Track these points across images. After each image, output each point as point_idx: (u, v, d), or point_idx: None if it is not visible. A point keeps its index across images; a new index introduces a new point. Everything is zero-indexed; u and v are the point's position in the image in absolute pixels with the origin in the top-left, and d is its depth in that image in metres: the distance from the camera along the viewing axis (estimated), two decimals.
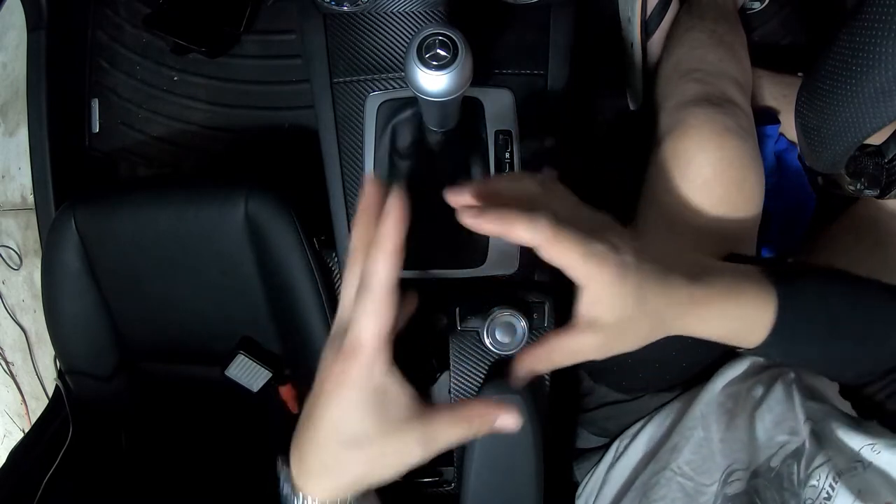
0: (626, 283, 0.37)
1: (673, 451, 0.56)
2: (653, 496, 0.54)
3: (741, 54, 0.69)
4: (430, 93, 0.44)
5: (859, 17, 0.46)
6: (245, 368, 0.75)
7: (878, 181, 0.53)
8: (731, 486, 0.50)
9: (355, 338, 0.35)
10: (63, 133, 0.91)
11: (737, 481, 0.50)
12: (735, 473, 0.51)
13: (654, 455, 0.59)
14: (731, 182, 0.55)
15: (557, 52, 0.64)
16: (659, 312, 0.39)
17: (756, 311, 0.42)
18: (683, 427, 0.57)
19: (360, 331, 0.35)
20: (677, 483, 0.54)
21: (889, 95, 0.45)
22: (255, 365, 0.75)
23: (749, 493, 0.49)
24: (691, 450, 0.55)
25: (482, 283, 0.64)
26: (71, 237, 0.71)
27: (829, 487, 0.41)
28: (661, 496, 0.54)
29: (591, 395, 0.68)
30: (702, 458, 0.54)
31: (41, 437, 0.80)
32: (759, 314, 0.42)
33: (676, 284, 0.40)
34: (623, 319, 0.38)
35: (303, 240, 0.68)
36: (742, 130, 0.56)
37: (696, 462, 0.54)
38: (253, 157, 1.02)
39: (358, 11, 0.64)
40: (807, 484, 0.43)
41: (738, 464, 0.51)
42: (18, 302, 1.37)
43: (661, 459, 0.57)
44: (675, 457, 0.56)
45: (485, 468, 0.60)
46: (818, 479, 0.42)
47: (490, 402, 0.39)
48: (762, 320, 0.42)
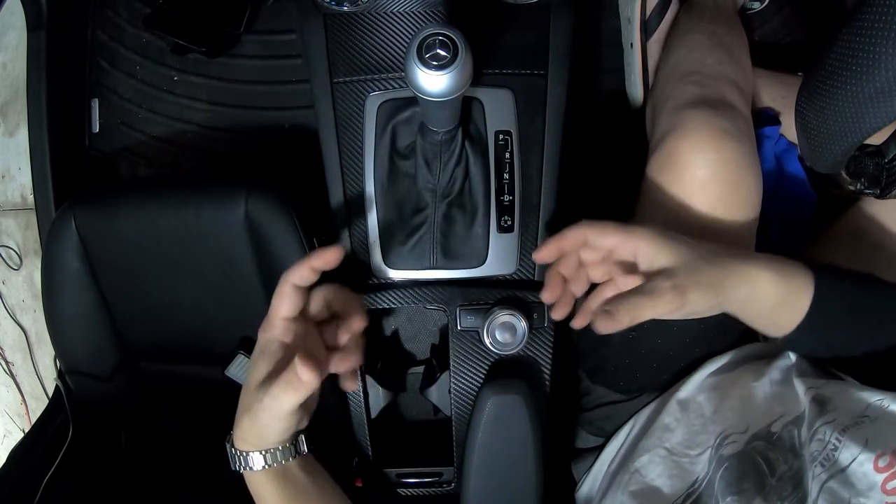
0: (670, 235, 0.46)
1: (666, 431, 0.57)
2: (648, 474, 0.54)
3: (740, 56, 0.69)
4: (430, 93, 0.44)
5: (859, 17, 0.46)
6: (245, 368, 0.75)
7: (878, 181, 0.53)
8: (728, 448, 0.50)
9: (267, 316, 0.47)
10: (63, 133, 0.91)
11: (733, 443, 0.50)
12: (731, 436, 0.51)
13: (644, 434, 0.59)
14: (728, 183, 0.55)
15: (557, 52, 0.64)
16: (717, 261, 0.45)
17: (797, 290, 0.46)
18: (671, 408, 0.58)
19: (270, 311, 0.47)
20: (672, 461, 0.54)
21: (889, 95, 0.45)
22: None
23: (749, 452, 0.49)
24: (683, 430, 0.55)
25: (482, 283, 0.64)
26: (71, 237, 0.71)
27: (836, 440, 0.41)
28: (658, 474, 0.54)
29: (590, 396, 0.68)
30: (694, 434, 0.54)
31: (41, 437, 0.80)
32: (799, 294, 0.46)
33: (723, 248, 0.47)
34: (687, 262, 0.44)
35: (303, 240, 0.68)
36: (739, 133, 0.56)
37: (689, 439, 0.54)
38: (253, 157, 1.02)
39: (358, 11, 0.64)
40: (812, 440, 0.43)
41: (732, 428, 0.51)
42: (18, 302, 1.37)
43: (653, 437, 0.57)
44: (667, 436, 0.56)
45: (485, 468, 0.60)
46: (823, 434, 0.42)
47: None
48: (801, 301, 0.46)
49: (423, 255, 0.64)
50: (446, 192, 0.62)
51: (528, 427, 0.59)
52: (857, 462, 0.39)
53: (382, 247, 0.64)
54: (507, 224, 0.64)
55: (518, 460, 0.60)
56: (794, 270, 0.46)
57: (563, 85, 0.64)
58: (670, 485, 0.52)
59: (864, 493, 0.37)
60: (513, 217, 0.64)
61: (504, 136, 0.63)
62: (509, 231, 0.64)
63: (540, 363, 0.64)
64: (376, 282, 0.65)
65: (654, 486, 0.53)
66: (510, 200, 0.63)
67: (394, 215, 0.64)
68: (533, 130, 0.64)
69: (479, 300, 0.64)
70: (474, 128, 0.63)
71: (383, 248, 0.64)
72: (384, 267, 0.65)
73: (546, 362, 0.64)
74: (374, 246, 0.64)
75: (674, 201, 0.57)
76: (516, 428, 0.60)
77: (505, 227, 0.64)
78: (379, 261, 0.64)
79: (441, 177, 0.60)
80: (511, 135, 0.63)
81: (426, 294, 0.64)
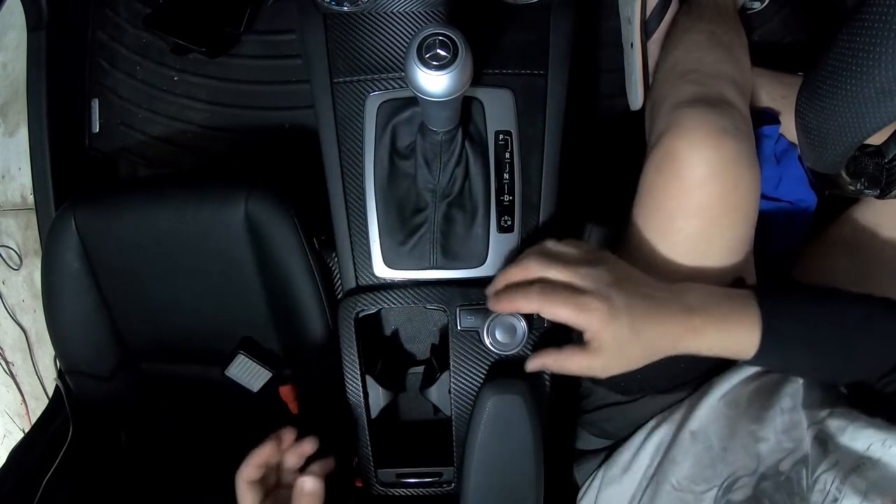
0: (618, 321, 0.47)
1: (672, 464, 0.56)
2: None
3: (740, 55, 0.69)
4: (430, 93, 0.44)
5: (859, 17, 0.46)
6: (245, 368, 0.75)
7: (878, 181, 0.53)
8: (737, 493, 0.50)
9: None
10: (63, 133, 0.91)
11: (743, 487, 0.50)
12: (740, 480, 0.51)
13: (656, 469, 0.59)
14: (725, 182, 0.55)
15: (557, 52, 0.64)
16: (652, 341, 0.48)
17: (743, 332, 0.48)
18: (682, 440, 0.57)
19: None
20: (677, 496, 0.54)
21: (889, 95, 0.45)
22: (255, 365, 0.75)
23: (757, 497, 0.48)
24: (691, 463, 0.55)
25: (482, 283, 0.64)
26: (71, 237, 0.71)
27: (836, 490, 0.41)
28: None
29: (591, 397, 0.68)
30: (701, 468, 0.54)
31: (41, 437, 0.80)
32: (746, 335, 0.48)
33: (668, 317, 0.48)
34: (621, 346, 0.47)
35: (303, 240, 0.68)
36: (738, 131, 0.56)
37: (696, 473, 0.54)
38: (253, 157, 1.02)
39: (358, 11, 0.64)
40: (814, 489, 0.43)
41: (742, 470, 0.51)
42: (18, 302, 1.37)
43: (662, 473, 0.57)
44: (674, 470, 0.56)
45: (485, 468, 0.60)
46: (825, 483, 0.43)
47: None
48: (750, 340, 0.48)
49: (423, 256, 0.64)
50: (446, 192, 0.62)
51: (528, 427, 0.59)
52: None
53: (382, 247, 0.64)
54: (507, 224, 0.64)
55: (518, 460, 0.60)
56: (737, 320, 0.48)
57: (563, 85, 0.64)
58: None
59: None
60: (513, 217, 0.64)
61: (504, 136, 0.63)
62: (509, 231, 0.64)
63: None
64: (375, 282, 0.65)
65: None
66: (510, 200, 0.63)
67: (394, 215, 0.64)
68: (533, 130, 0.64)
69: (479, 300, 0.64)
70: (474, 128, 0.63)
71: (383, 248, 0.64)
72: (384, 267, 0.65)
73: None
74: (374, 246, 0.64)
75: (671, 200, 0.56)
76: (516, 428, 0.60)
77: (505, 227, 0.64)
78: (379, 261, 0.64)
79: (441, 177, 0.60)
80: (511, 135, 0.63)
81: (426, 294, 0.64)
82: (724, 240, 0.57)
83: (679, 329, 0.48)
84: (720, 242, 0.57)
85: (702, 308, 0.48)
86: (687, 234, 0.57)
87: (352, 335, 0.65)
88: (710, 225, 0.56)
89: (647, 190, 0.59)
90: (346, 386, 0.65)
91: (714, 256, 0.57)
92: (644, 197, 0.60)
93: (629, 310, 0.47)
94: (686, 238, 0.57)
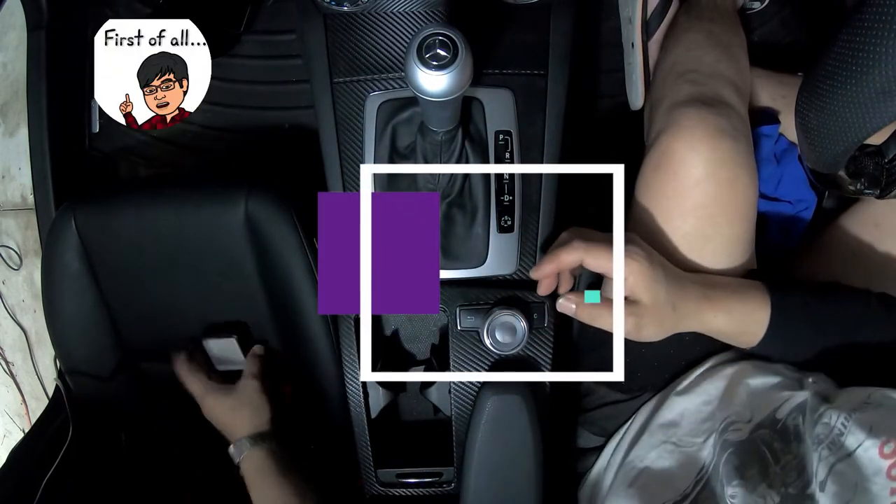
0: (657, 271, 0.49)
1: (670, 426, 0.57)
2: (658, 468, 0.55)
3: (739, 55, 0.69)
4: (430, 93, 0.44)
5: (859, 17, 0.46)
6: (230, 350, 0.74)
7: (878, 181, 0.53)
8: (732, 434, 0.51)
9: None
10: (63, 133, 0.91)
11: (737, 430, 0.51)
12: (735, 423, 0.52)
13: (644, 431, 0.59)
14: (722, 182, 0.55)
15: (557, 52, 0.64)
16: (678, 307, 0.50)
17: (756, 311, 0.51)
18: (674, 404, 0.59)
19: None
20: (681, 452, 0.55)
21: (889, 95, 0.45)
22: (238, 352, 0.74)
23: (754, 441, 0.49)
24: (689, 421, 0.56)
25: (482, 283, 0.64)
26: (71, 237, 0.71)
27: (842, 425, 0.43)
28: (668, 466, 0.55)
29: (591, 396, 0.68)
30: (700, 421, 0.56)
31: (41, 437, 0.80)
32: (758, 315, 0.51)
33: (691, 286, 0.52)
34: (657, 304, 0.49)
35: (303, 240, 0.68)
36: (735, 131, 0.56)
37: (695, 427, 0.55)
38: (253, 157, 1.02)
39: (358, 11, 0.64)
40: (817, 424, 0.44)
41: (737, 416, 0.52)
42: (18, 302, 1.37)
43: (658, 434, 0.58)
44: (673, 432, 0.57)
45: (485, 468, 0.60)
46: (829, 418, 0.44)
47: None
48: (760, 320, 0.51)
49: None
50: (446, 192, 0.62)
51: (528, 427, 0.59)
52: (862, 448, 0.40)
53: None
54: (507, 224, 0.64)
55: (518, 460, 0.60)
56: (750, 298, 0.52)
57: (563, 85, 0.64)
58: (680, 474, 0.53)
59: (869, 477, 0.39)
60: (513, 217, 0.64)
61: (504, 136, 0.63)
62: (509, 231, 0.64)
63: (540, 363, 0.64)
64: None
65: (665, 478, 0.54)
66: (510, 200, 0.63)
67: None
68: (533, 130, 0.64)
69: (479, 300, 0.64)
70: (474, 128, 0.63)
71: None
72: None
73: (546, 362, 0.64)
74: None
75: (668, 200, 0.57)
76: (516, 428, 0.60)
77: (505, 227, 0.64)
78: None
79: (441, 177, 0.60)
80: (511, 135, 0.63)
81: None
82: (722, 239, 0.57)
83: (700, 299, 0.51)
84: (717, 241, 0.57)
85: (718, 284, 0.53)
86: (684, 233, 0.57)
87: (352, 335, 0.65)
88: (707, 224, 0.56)
89: (644, 189, 0.60)
90: (346, 386, 0.65)
91: (711, 255, 0.57)
92: (641, 196, 0.60)
93: (665, 269, 0.51)
94: (683, 237, 0.57)
